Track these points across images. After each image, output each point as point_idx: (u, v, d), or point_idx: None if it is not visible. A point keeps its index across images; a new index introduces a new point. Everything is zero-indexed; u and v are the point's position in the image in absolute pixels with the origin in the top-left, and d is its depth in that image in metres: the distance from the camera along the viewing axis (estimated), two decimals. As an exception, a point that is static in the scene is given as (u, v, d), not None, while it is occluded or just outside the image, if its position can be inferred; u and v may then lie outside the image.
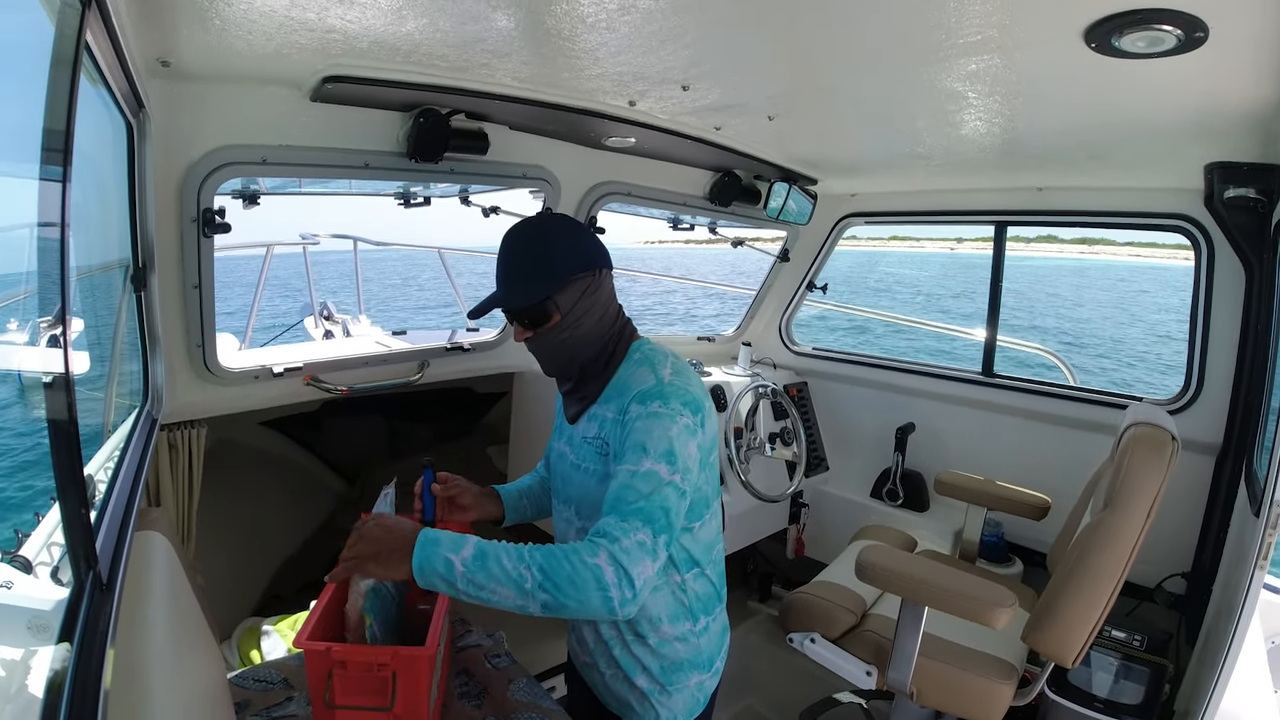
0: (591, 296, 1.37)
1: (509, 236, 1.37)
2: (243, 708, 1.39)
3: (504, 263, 1.35)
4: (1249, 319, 2.43)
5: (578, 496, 1.43)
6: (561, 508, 1.51)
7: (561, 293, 1.33)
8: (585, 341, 1.38)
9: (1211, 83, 1.49)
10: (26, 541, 1.22)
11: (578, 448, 1.43)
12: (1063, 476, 2.78)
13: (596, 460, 1.37)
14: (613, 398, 1.37)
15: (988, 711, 1.93)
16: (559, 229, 1.37)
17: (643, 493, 1.18)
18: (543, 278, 1.33)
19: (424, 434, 3.69)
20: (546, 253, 1.33)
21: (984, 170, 2.71)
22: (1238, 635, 1.59)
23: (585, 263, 1.35)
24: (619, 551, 1.12)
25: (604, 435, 1.36)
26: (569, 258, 1.34)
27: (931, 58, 1.50)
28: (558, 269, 1.33)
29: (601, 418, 1.38)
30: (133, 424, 1.63)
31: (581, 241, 1.37)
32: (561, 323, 1.35)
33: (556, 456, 1.52)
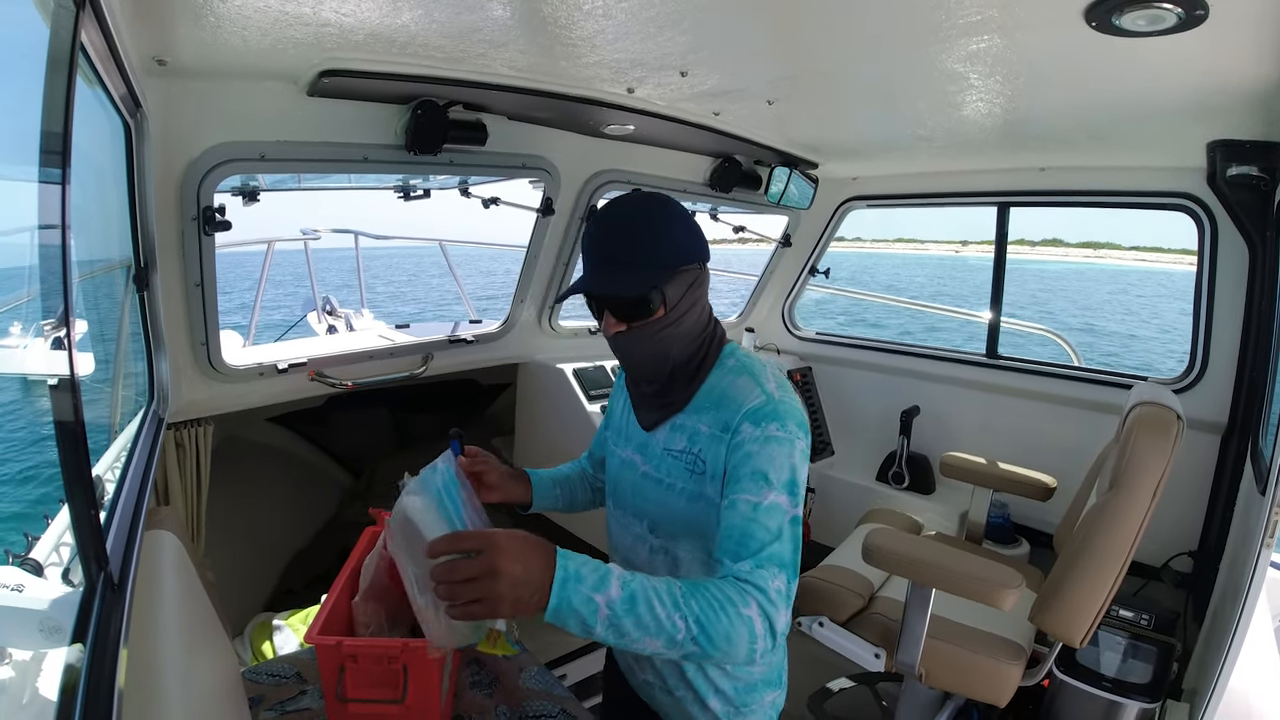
0: (696, 291, 1.23)
1: (617, 211, 1.21)
2: (256, 702, 1.40)
3: (609, 241, 1.18)
4: (1253, 297, 2.42)
5: (654, 512, 1.29)
6: (629, 520, 1.36)
7: (670, 283, 1.18)
8: (682, 340, 1.24)
9: (1213, 61, 1.48)
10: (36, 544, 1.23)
11: (657, 459, 1.28)
12: (1068, 457, 2.78)
13: (686, 478, 1.23)
14: (706, 408, 1.23)
15: (996, 692, 1.93)
16: (675, 212, 1.22)
17: (771, 531, 1.08)
18: (655, 264, 1.17)
19: (429, 426, 3.70)
20: (662, 236, 1.18)
21: (986, 151, 2.70)
22: (1245, 613, 1.59)
23: (695, 253, 1.22)
24: (767, 603, 1.03)
25: (695, 450, 1.22)
26: (682, 245, 1.20)
27: (931, 38, 1.49)
28: (671, 256, 1.18)
29: (692, 430, 1.24)
30: (139, 424, 1.63)
31: (693, 229, 1.23)
32: (665, 318, 1.20)
33: (621, 464, 1.37)
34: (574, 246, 2.70)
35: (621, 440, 1.39)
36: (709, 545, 1.20)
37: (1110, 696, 2.08)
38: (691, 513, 1.22)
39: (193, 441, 2.01)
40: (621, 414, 1.42)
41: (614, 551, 1.43)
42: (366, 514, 1.62)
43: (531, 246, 2.62)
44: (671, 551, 1.28)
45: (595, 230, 1.20)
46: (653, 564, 1.30)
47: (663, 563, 1.29)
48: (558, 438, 2.72)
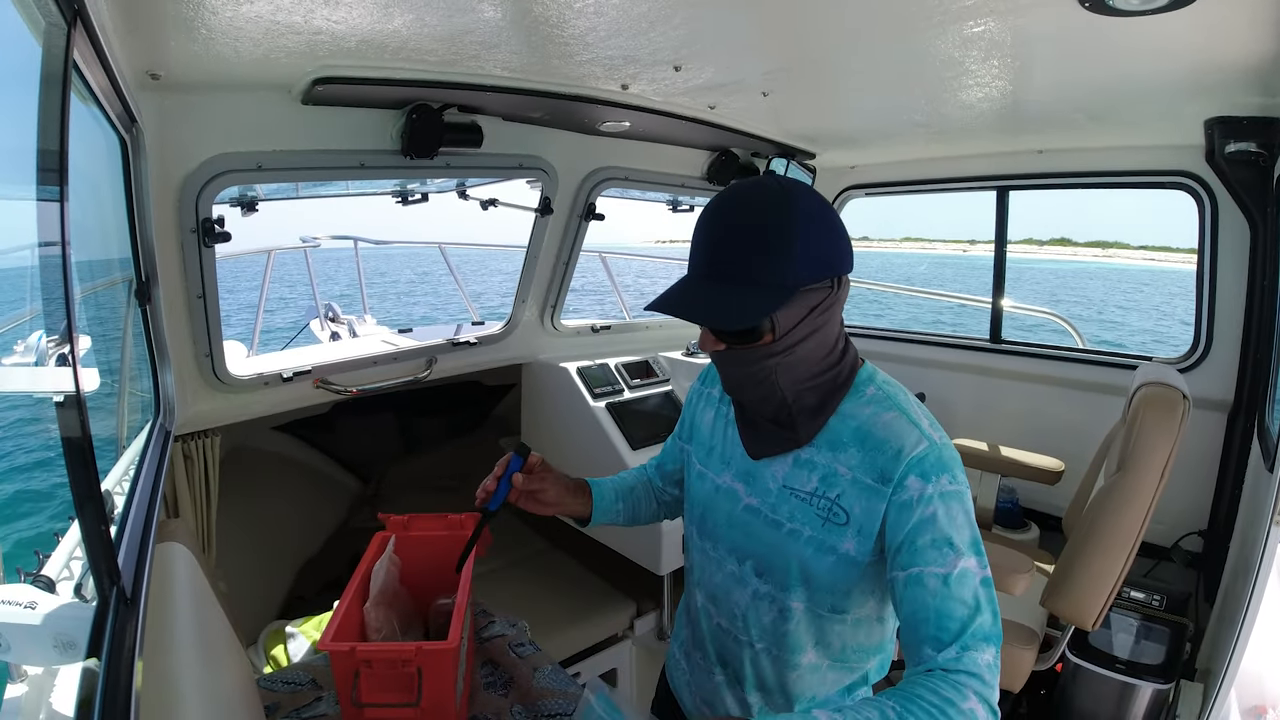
0: (821, 316, 1.00)
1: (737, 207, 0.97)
2: (273, 710, 1.41)
3: (719, 249, 0.97)
4: (1255, 273, 2.41)
5: (765, 556, 1.11)
6: (723, 557, 1.18)
7: (786, 307, 0.96)
8: (794, 371, 1.03)
9: (1207, 37, 1.47)
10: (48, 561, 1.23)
11: (772, 497, 1.10)
12: (1075, 440, 2.77)
13: (818, 526, 1.05)
14: (846, 445, 1.05)
15: (1010, 678, 1.93)
16: (810, 213, 0.96)
17: (969, 604, 0.94)
18: (771, 284, 0.95)
19: (435, 429, 3.70)
20: (787, 250, 0.94)
21: (983, 135, 2.69)
22: (1256, 591, 1.59)
23: (828, 268, 0.98)
24: (983, 687, 0.91)
25: (832, 495, 1.04)
26: (813, 259, 0.96)
27: (926, 24, 1.48)
28: (794, 275, 0.95)
29: (827, 470, 1.05)
30: (147, 437, 1.64)
31: (831, 237, 0.97)
32: (772, 345, 0.99)
33: (714, 490, 1.19)
34: (574, 245, 2.70)
35: (715, 461, 1.20)
36: (835, 600, 1.08)
37: (1124, 678, 2.08)
38: (820, 565, 1.06)
39: (200, 453, 2.02)
40: (712, 428, 1.24)
41: (697, 585, 1.26)
42: (376, 519, 1.62)
43: (531, 246, 2.62)
44: (782, 602, 1.11)
45: (706, 228, 0.99)
46: (756, 611, 1.14)
47: (768, 611, 1.13)
48: (564, 437, 2.72)
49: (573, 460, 2.67)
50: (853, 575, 1.05)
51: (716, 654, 1.23)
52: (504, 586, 2.71)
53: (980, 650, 0.92)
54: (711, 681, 1.25)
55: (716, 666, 1.24)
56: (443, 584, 1.54)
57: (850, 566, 1.04)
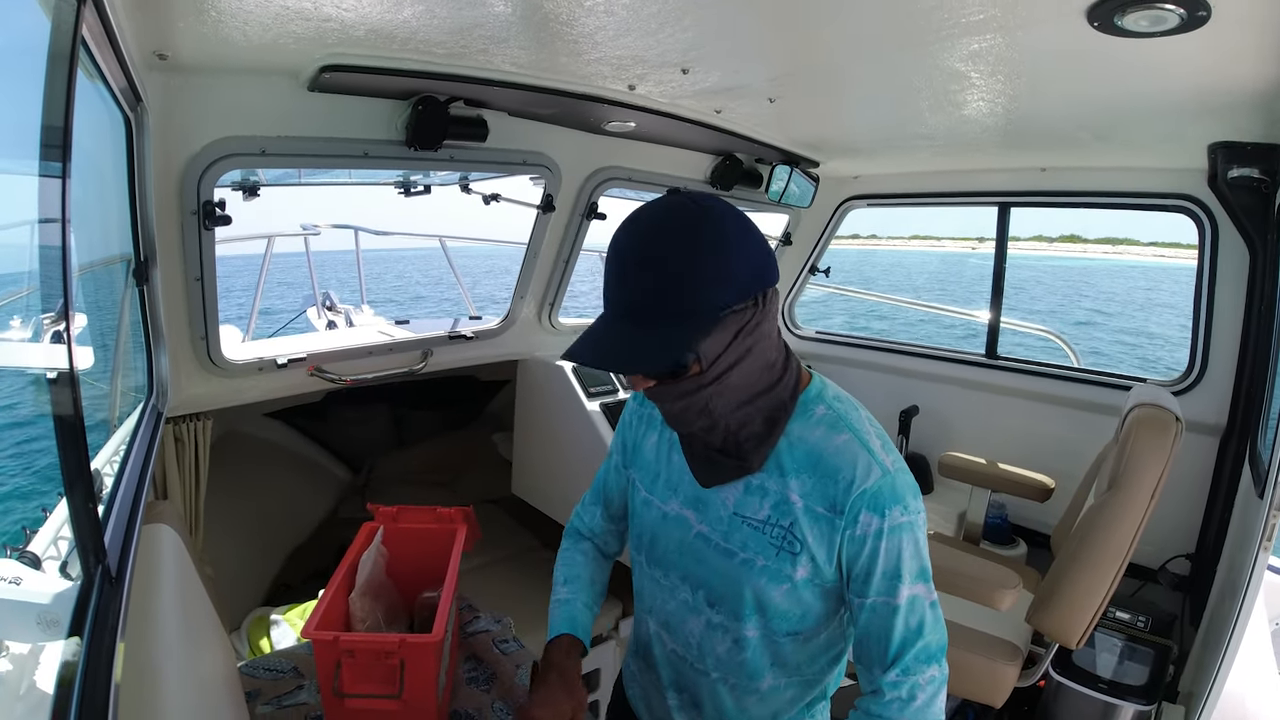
0: (750, 336, 0.94)
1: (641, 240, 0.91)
2: (253, 696, 1.40)
3: (629, 287, 0.91)
4: (1253, 299, 2.42)
5: (715, 586, 1.09)
6: (675, 585, 1.14)
7: (708, 336, 0.91)
8: (730, 398, 0.98)
9: (1214, 62, 1.48)
10: (34, 537, 1.23)
11: (723, 525, 1.07)
12: (1067, 458, 2.78)
13: (773, 556, 1.02)
14: (797, 470, 1.01)
15: (992, 693, 1.94)
16: (723, 234, 0.90)
17: (913, 628, 0.98)
18: (686, 316, 0.89)
19: (428, 422, 3.70)
20: (701, 276, 0.88)
21: (987, 151, 2.69)
22: (1242, 616, 1.59)
23: (748, 288, 0.92)
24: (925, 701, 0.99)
25: (784, 524, 1.02)
26: (731, 279, 0.90)
27: (933, 37, 1.48)
28: (713, 300, 0.89)
29: (777, 495, 1.02)
30: (138, 418, 1.63)
31: (748, 252, 0.92)
32: (702, 376, 0.94)
33: (662, 518, 1.14)
34: (574, 243, 2.70)
35: (661, 488, 1.15)
36: (791, 625, 1.07)
37: (1106, 698, 2.08)
38: (775, 593, 1.04)
39: (192, 436, 2.01)
40: (656, 453, 1.18)
41: (648, 613, 1.22)
42: (365, 510, 1.62)
43: (532, 243, 2.62)
44: (737, 631, 1.09)
45: (614, 263, 0.92)
46: (710, 641, 1.12)
47: (722, 640, 1.11)
48: (556, 435, 2.72)
49: (564, 459, 2.67)
50: (808, 600, 1.05)
51: (671, 679, 1.22)
52: (490, 582, 2.71)
53: (920, 670, 0.98)
54: (665, 705, 1.24)
55: (670, 691, 1.22)
56: (429, 577, 1.54)
57: (806, 591, 1.04)
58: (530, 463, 2.92)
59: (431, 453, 3.68)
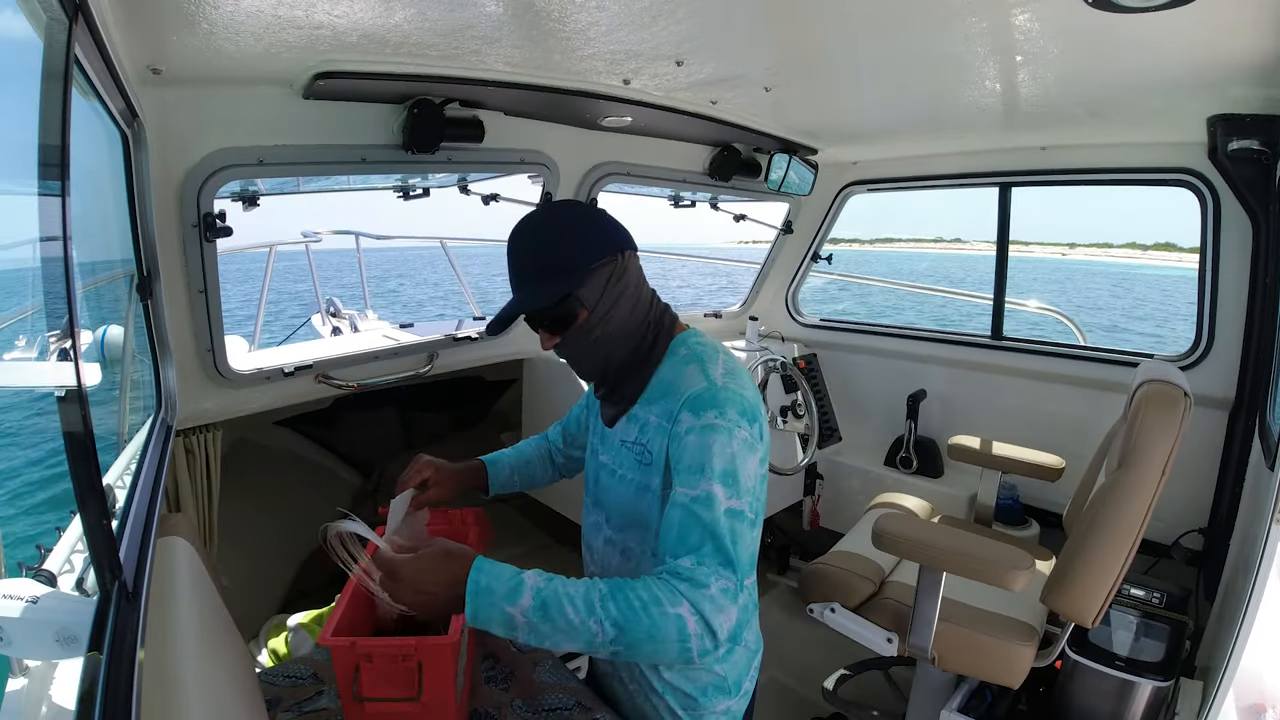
0: (618, 284, 1.22)
1: (515, 235, 1.23)
2: (274, 704, 1.41)
3: (515, 264, 1.21)
4: (1257, 271, 2.41)
5: (610, 504, 1.34)
6: (592, 510, 1.42)
7: (584, 285, 1.19)
8: (619, 337, 1.24)
9: (1211, 34, 1.47)
10: (49, 556, 1.24)
11: (614, 452, 1.32)
12: (1076, 437, 2.78)
13: (635, 468, 1.26)
14: (656, 399, 1.24)
15: (1009, 674, 1.94)
16: (567, 216, 1.24)
17: (706, 524, 1.06)
18: (560, 272, 1.18)
19: (436, 424, 3.70)
20: (560, 243, 1.19)
21: (986, 132, 2.68)
22: (1256, 589, 1.59)
23: (604, 248, 1.21)
24: (703, 600, 1.00)
25: (644, 441, 1.23)
26: (585, 245, 1.20)
27: (929, 20, 1.48)
28: (575, 259, 1.19)
29: (642, 420, 1.25)
30: (148, 432, 1.64)
31: (595, 225, 1.23)
32: (590, 319, 1.21)
33: (590, 456, 1.43)
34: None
35: (595, 436, 1.42)
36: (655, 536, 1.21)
37: (1124, 676, 2.08)
38: (639, 504, 1.25)
39: (202, 448, 2.02)
40: (595, 412, 1.44)
41: (585, 543, 1.48)
42: (377, 514, 1.63)
43: (532, 242, 2.61)
44: (620, 543, 1.32)
45: (508, 254, 1.22)
46: (607, 555, 1.36)
47: (615, 554, 1.34)
48: (565, 432, 2.73)
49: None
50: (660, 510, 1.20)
51: None
52: None
53: (710, 570, 1.03)
54: None
55: None
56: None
57: (659, 501, 1.21)
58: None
59: (441, 454, 3.68)
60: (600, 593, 1.00)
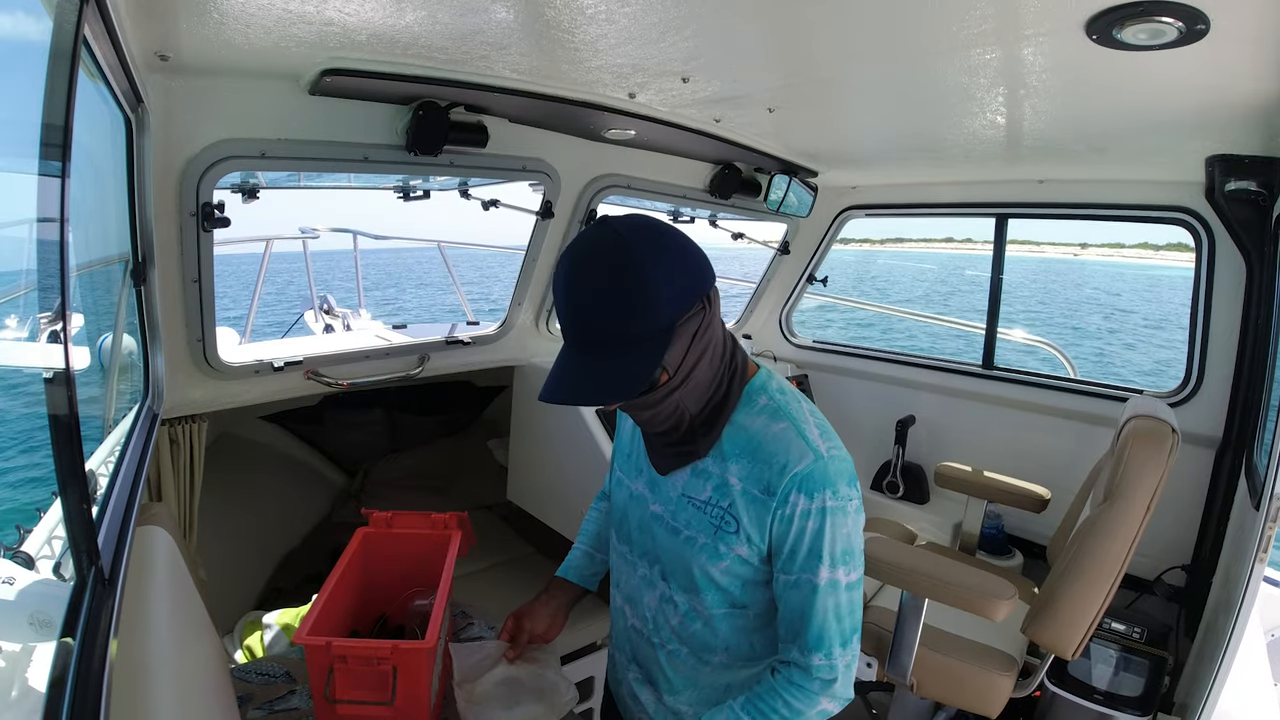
0: (704, 336, 1.03)
1: (581, 286, 0.96)
2: (245, 701, 1.39)
3: (587, 322, 0.97)
4: (1249, 312, 2.43)
5: (671, 564, 1.18)
6: (636, 561, 1.24)
7: (671, 347, 0.98)
8: (696, 394, 1.07)
9: (1213, 76, 1.49)
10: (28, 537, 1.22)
11: (673, 505, 1.16)
12: (1063, 469, 2.79)
13: (710, 533, 1.11)
14: (735, 455, 1.09)
15: (988, 703, 1.93)
16: (653, 254, 0.95)
17: (830, 609, 1.06)
18: (645, 338, 0.96)
19: (424, 428, 3.69)
20: (651, 294, 0.94)
21: (985, 162, 2.71)
22: (1237, 628, 1.59)
23: (694, 293, 0.99)
24: (833, 681, 1.08)
25: (724, 505, 1.09)
26: (674, 296, 0.96)
27: (933, 50, 1.49)
28: (667, 314, 0.96)
29: (720, 479, 1.10)
30: (133, 419, 1.63)
31: (683, 264, 0.98)
32: (670, 382, 1.02)
33: (629, 497, 1.25)
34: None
35: (630, 469, 1.26)
36: (733, 599, 1.15)
37: (1101, 709, 2.08)
38: (715, 570, 1.12)
39: (187, 438, 2.00)
40: (632, 436, 1.28)
41: (616, 587, 1.32)
42: (359, 515, 1.62)
43: (530, 249, 2.62)
44: (686, 605, 1.18)
45: (565, 299, 0.97)
46: (664, 613, 1.21)
47: (674, 613, 1.20)
48: (553, 441, 2.71)
49: (560, 466, 2.66)
50: (746, 575, 1.12)
51: (631, 653, 1.32)
52: (485, 589, 2.69)
53: (834, 652, 1.07)
54: (627, 678, 1.34)
55: (632, 665, 1.32)
56: (423, 583, 1.53)
57: (743, 567, 1.11)
58: (526, 469, 2.91)
59: (427, 458, 3.67)
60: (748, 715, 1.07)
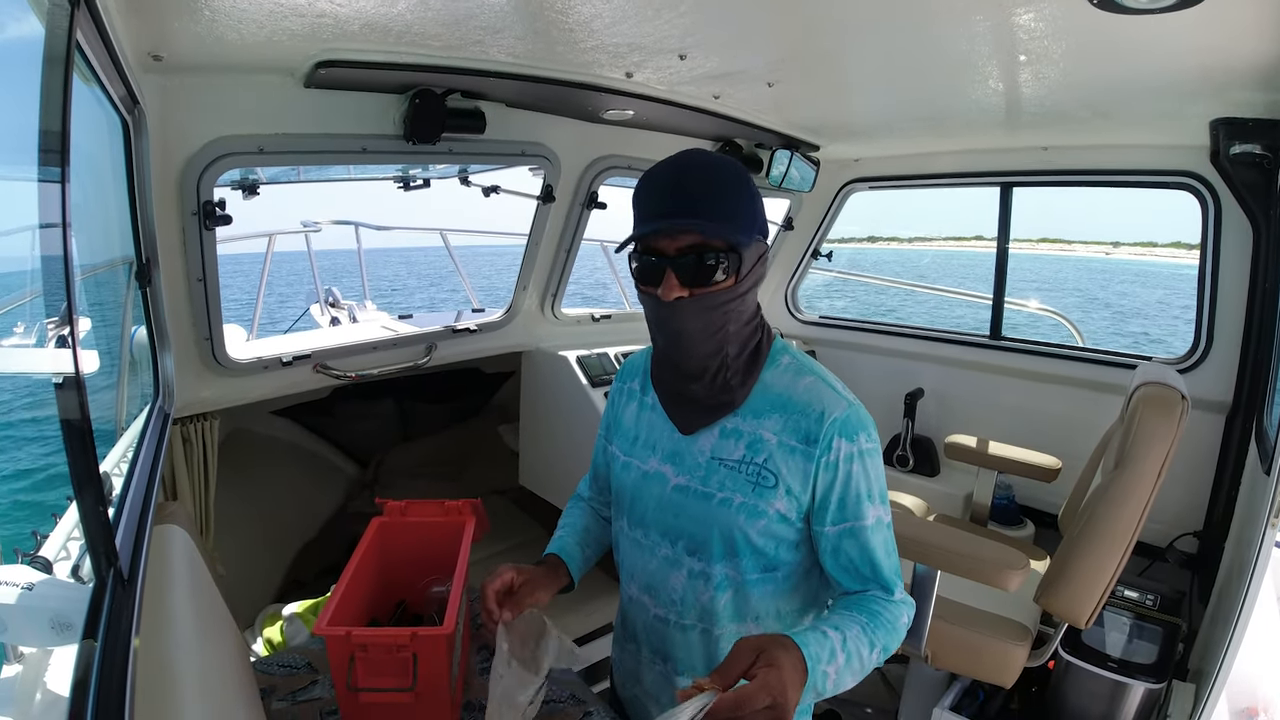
0: (760, 269, 1.11)
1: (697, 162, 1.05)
2: (268, 693, 1.41)
3: (692, 187, 1.02)
4: (1257, 276, 2.41)
5: (696, 532, 1.15)
6: (655, 542, 1.21)
7: (747, 249, 1.05)
8: (740, 320, 1.11)
9: (1215, 38, 1.47)
10: (45, 542, 1.24)
11: (701, 470, 1.15)
12: (1073, 438, 2.78)
13: (749, 491, 1.11)
14: (767, 411, 1.12)
15: (1002, 673, 1.94)
16: (749, 177, 1.09)
17: (887, 547, 1.12)
18: (739, 225, 1.03)
19: (434, 415, 3.71)
20: (747, 196, 1.05)
21: (989, 131, 2.68)
22: (1250, 593, 1.59)
23: (764, 228, 1.11)
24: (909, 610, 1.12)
25: (762, 461, 1.10)
26: (759, 216, 1.08)
27: (933, 18, 1.47)
28: (753, 221, 1.06)
29: (753, 436, 1.12)
30: (145, 420, 1.64)
31: (762, 203, 1.11)
32: (733, 288, 1.06)
33: (641, 478, 1.22)
34: (575, 233, 2.70)
35: (640, 449, 1.24)
36: (766, 560, 1.14)
37: (1116, 677, 2.09)
38: (752, 529, 1.11)
39: (199, 436, 2.02)
40: (636, 419, 1.27)
41: (630, 577, 1.28)
42: (373, 504, 1.63)
43: (533, 234, 2.61)
44: (716, 575, 1.15)
45: (670, 174, 1.04)
46: (692, 591, 1.18)
47: (704, 589, 1.17)
48: (562, 425, 2.73)
49: (570, 449, 2.67)
50: (783, 532, 1.12)
51: (654, 648, 1.27)
52: None
53: (901, 584, 1.13)
54: (651, 675, 1.30)
55: (656, 660, 1.27)
56: (439, 569, 1.55)
57: (781, 524, 1.12)
58: (537, 453, 2.92)
59: (439, 446, 3.69)
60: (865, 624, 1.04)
